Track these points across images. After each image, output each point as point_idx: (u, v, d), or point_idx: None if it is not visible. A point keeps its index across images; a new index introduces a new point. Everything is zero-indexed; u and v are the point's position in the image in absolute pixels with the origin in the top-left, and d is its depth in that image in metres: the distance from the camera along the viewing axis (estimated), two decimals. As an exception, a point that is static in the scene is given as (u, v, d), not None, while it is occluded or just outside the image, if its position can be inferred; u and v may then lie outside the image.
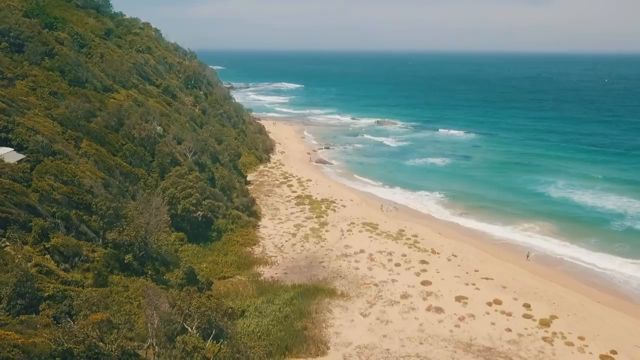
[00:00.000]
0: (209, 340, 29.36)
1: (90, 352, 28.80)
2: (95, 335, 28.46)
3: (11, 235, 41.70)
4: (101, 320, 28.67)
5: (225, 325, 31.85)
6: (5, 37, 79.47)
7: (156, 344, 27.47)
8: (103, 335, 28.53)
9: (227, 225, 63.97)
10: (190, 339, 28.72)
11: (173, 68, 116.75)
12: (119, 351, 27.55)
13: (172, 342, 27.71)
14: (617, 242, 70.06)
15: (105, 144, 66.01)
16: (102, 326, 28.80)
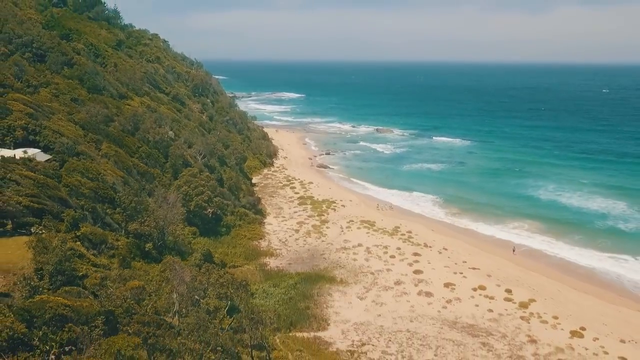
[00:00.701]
0: (228, 303, 34.91)
1: (128, 313, 34.38)
2: (132, 299, 34.03)
3: (46, 224, 47.33)
4: (137, 287, 34.28)
5: (240, 295, 37.32)
6: (29, 47, 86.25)
7: (182, 307, 33.00)
8: (139, 299, 34.08)
9: (235, 222, 69.67)
10: (212, 301, 34.26)
11: (181, 77, 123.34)
12: (153, 311, 33.00)
13: (196, 306, 33.21)
14: (599, 239, 75.63)
15: (123, 146, 71.99)
16: (137, 292, 34.39)
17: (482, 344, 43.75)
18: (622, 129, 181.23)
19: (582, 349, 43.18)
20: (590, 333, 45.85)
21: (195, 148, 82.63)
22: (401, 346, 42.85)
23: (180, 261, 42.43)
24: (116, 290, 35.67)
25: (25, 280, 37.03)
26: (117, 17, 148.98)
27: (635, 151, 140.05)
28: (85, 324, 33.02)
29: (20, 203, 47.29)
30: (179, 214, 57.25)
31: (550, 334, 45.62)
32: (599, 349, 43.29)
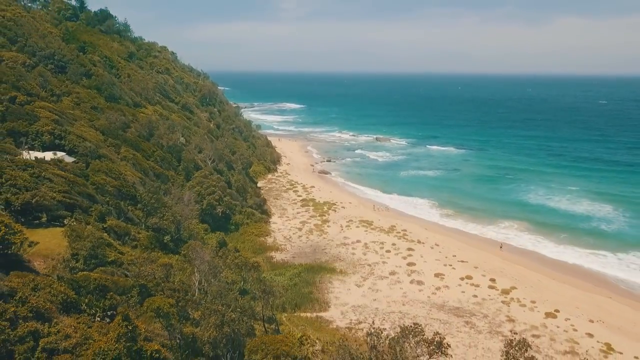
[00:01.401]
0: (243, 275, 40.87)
1: (159, 287, 40.37)
2: (162, 275, 40.03)
3: (77, 217, 53.55)
4: (166, 264, 40.24)
5: (251, 275, 43.22)
6: (51, 60, 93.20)
7: (204, 281, 38.96)
8: (167, 274, 40.03)
9: (243, 220, 75.72)
10: (230, 275, 40.15)
11: (189, 87, 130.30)
12: (180, 284, 38.85)
13: (216, 279, 39.15)
14: (583, 237, 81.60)
15: (139, 150, 78.39)
16: (166, 268, 40.36)
17: (466, 322, 49.52)
18: (615, 139, 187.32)
19: (554, 327, 48.91)
20: (563, 314, 51.61)
21: (205, 153, 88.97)
22: (393, 324, 48.60)
23: (201, 244, 48.41)
24: (147, 267, 41.75)
25: (64, 262, 43.31)
26: (127, 30, 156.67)
27: (625, 160, 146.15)
28: (122, 294, 39.18)
29: (54, 198, 53.53)
30: (194, 210, 63.30)
31: (527, 315, 51.40)
32: (569, 327, 49.03)
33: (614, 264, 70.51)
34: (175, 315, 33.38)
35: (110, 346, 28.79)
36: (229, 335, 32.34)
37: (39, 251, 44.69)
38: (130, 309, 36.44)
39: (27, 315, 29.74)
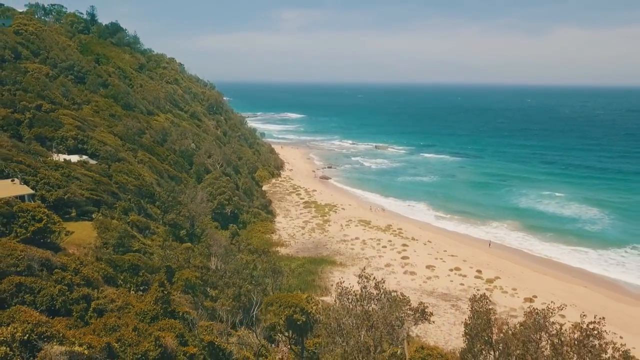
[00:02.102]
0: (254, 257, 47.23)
1: (182, 267, 46.70)
2: (184, 258, 46.37)
3: (103, 212, 60.03)
4: (188, 247, 46.56)
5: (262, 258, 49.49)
6: (71, 71, 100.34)
7: (220, 261, 45.30)
8: (189, 257, 46.37)
9: (250, 219, 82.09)
10: (245, 256, 46.46)
11: (197, 97, 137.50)
12: (201, 264, 45.12)
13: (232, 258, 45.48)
14: (567, 236, 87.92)
15: (154, 154, 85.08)
16: (188, 251, 46.69)
17: (452, 305, 55.69)
18: (608, 148, 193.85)
19: (530, 310, 54.92)
20: (540, 299, 57.70)
21: (214, 158, 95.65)
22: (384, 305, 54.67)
23: (217, 232, 54.79)
24: (171, 252, 48.17)
25: (96, 249, 49.96)
26: (137, 42, 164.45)
27: (615, 167, 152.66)
28: (152, 273, 45.62)
29: (83, 195, 60.19)
30: (207, 208, 69.72)
31: (508, 300, 57.56)
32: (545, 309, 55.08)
33: (593, 259, 76.75)
34: (200, 287, 39.65)
35: (149, 307, 35.12)
36: (245, 305, 38.53)
37: (72, 240, 51.16)
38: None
39: (80, 283, 36.12)
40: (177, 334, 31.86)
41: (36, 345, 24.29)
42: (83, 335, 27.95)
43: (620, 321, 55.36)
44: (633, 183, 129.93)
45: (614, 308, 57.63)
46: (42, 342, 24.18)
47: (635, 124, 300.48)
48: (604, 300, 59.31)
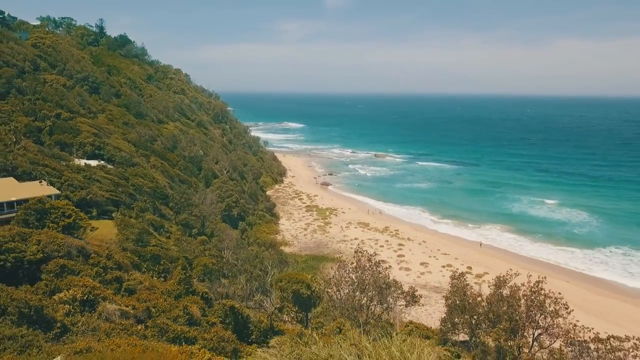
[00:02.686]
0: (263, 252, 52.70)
1: (197, 258, 52.19)
2: (201, 249, 51.87)
3: (122, 211, 65.59)
4: (204, 240, 52.04)
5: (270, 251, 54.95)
6: (86, 82, 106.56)
7: (232, 253, 50.79)
8: (204, 249, 51.86)
9: (255, 221, 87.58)
10: (254, 249, 51.91)
11: (203, 106, 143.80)
12: (216, 255, 50.51)
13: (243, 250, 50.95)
14: (556, 237, 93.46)
15: (166, 160, 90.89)
16: (203, 243, 52.19)
17: (443, 296, 60.68)
18: (602, 157, 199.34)
19: (515, 300, 60.15)
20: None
21: (221, 164, 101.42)
22: (383, 297, 59.98)
23: (229, 227, 60.33)
24: (188, 245, 53.69)
25: (118, 243, 55.54)
26: (145, 53, 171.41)
27: (608, 175, 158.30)
28: (172, 262, 51.17)
29: (103, 196, 65.87)
30: (216, 209, 75.29)
31: (495, 292, 62.71)
32: (528, 300, 60.29)
33: (578, 258, 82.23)
34: (215, 273, 45.10)
35: (174, 287, 40.65)
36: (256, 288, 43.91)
37: (95, 236, 56.77)
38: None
39: (112, 267, 41.60)
40: (200, 307, 37.55)
41: (93, 304, 30.19)
42: (127, 300, 33.89)
43: (596, 310, 60.73)
44: (623, 190, 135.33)
45: (592, 300, 62.94)
46: (97, 302, 30.13)
47: (632, 133, 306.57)
48: (583, 293, 64.59)
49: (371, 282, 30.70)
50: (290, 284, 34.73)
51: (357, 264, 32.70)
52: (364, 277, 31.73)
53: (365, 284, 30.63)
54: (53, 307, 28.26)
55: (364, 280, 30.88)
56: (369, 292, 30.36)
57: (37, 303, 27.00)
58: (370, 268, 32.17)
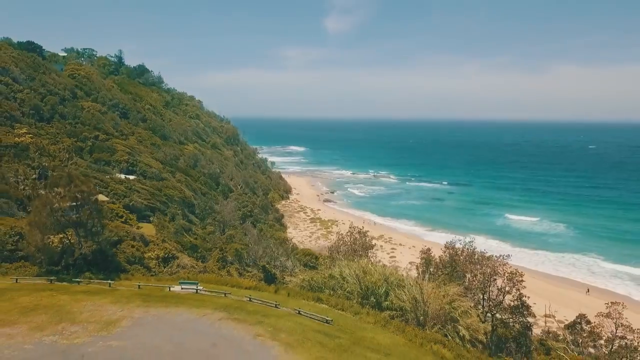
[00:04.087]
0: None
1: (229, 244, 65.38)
2: (229, 240, 65.13)
3: (158, 216, 78.90)
4: (232, 234, 65.37)
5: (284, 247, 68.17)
6: (117, 108, 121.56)
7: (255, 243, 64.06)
8: (231, 240, 65.09)
9: (266, 229, 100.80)
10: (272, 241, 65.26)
11: (216, 130, 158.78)
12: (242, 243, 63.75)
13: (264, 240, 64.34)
14: (532, 243, 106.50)
15: (189, 175, 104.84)
16: (230, 237, 65.48)
17: (426, 286, 73.86)
18: (588, 179, 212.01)
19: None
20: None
21: (235, 180, 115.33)
22: (376, 286, 73.00)
23: (251, 225, 73.73)
24: (218, 239, 67.11)
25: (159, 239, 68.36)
26: (161, 81, 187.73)
27: (589, 194, 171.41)
28: (207, 250, 64.45)
29: (142, 203, 79.68)
30: (235, 216, 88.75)
31: (470, 284, 75.63)
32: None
33: (549, 261, 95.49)
34: (244, 258, 58.33)
35: (214, 265, 53.89)
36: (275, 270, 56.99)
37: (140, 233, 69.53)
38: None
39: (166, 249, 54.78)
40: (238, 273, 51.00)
41: (170, 260, 44.01)
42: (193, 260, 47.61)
43: (561, 302, 73.34)
44: (600, 209, 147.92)
45: (551, 290, 75.62)
46: (174, 258, 44.09)
47: (621, 157, 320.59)
48: (544, 285, 77.38)
49: (360, 244, 44.10)
50: (303, 255, 48.07)
51: (351, 234, 46.19)
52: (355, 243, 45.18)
53: (357, 244, 44.06)
54: (147, 260, 42.00)
55: (356, 242, 44.31)
56: (359, 252, 43.78)
57: (139, 255, 40.91)
58: (360, 238, 45.61)
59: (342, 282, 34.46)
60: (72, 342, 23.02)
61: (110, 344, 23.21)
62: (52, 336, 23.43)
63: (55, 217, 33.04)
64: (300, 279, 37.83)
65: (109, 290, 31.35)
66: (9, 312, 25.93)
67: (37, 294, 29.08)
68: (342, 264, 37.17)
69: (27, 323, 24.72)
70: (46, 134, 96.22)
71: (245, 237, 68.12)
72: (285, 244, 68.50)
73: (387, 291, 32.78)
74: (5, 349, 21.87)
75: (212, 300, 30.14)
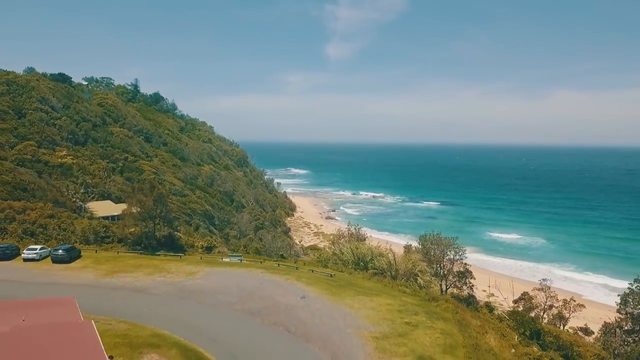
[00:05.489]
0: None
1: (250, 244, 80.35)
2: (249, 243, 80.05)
3: (184, 226, 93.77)
4: (250, 238, 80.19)
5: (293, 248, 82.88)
6: (141, 133, 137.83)
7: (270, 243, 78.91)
8: (251, 242, 80.00)
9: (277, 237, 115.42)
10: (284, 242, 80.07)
11: (227, 153, 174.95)
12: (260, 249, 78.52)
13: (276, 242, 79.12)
14: (514, 255, 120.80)
15: (207, 192, 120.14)
16: (250, 240, 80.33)
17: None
18: (577, 200, 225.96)
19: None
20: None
21: (247, 197, 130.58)
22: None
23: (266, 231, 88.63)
24: (239, 242, 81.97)
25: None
26: (175, 108, 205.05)
27: (575, 214, 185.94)
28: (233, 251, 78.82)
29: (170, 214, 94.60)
30: (250, 227, 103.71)
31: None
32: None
33: (528, 268, 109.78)
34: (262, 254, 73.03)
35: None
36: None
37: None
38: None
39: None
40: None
41: (212, 248, 59.49)
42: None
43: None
44: (583, 227, 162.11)
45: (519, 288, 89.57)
46: (214, 247, 59.51)
47: (613, 180, 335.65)
48: (516, 285, 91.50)
49: (355, 237, 59.09)
50: (314, 251, 62.88)
51: (349, 230, 61.25)
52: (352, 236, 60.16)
53: (353, 237, 59.05)
54: (196, 247, 57.01)
55: (352, 235, 59.30)
56: (357, 239, 58.75)
57: (191, 243, 56.04)
58: (356, 233, 60.68)
59: (341, 255, 49.35)
60: (173, 280, 37.81)
61: (197, 282, 37.97)
62: (160, 278, 38.26)
63: (141, 211, 48.17)
64: (311, 257, 52.69)
65: (181, 259, 46.28)
66: (126, 267, 40.79)
67: (137, 259, 44.02)
68: (341, 244, 52.16)
69: (140, 272, 39.56)
70: (82, 156, 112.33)
71: (261, 242, 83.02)
72: (295, 245, 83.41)
73: (372, 258, 47.71)
74: (136, 282, 36.71)
75: (253, 265, 44.96)
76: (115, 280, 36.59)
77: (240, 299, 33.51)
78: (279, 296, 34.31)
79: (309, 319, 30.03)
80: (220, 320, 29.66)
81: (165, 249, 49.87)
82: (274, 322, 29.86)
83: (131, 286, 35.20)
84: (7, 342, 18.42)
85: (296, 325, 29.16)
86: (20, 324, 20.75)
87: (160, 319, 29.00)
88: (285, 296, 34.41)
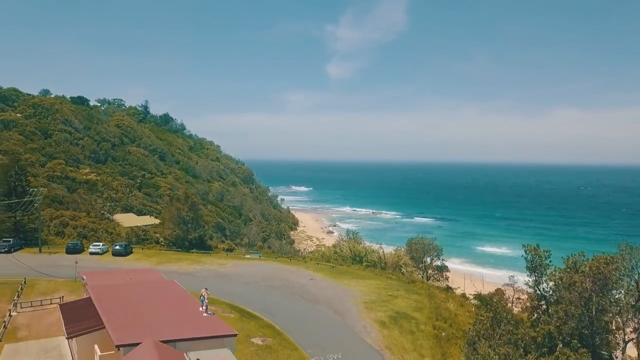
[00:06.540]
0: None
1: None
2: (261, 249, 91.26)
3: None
4: (260, 245, 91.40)
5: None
6: (156, 152, 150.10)
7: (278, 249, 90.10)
8: (263, 249, 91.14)
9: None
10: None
11: (234, 171, 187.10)
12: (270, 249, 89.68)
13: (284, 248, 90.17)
14: (503, 266, 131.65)
15: (218, 207, 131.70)
16: (262, 246, 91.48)
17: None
18: (569, 217, 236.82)
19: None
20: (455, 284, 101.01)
21: (254, 212, 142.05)
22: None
23: (275, 240, 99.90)
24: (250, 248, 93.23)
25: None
26: (184, 128, 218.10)
27: (564, 229, 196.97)
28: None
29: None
30: (258, 237, 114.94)
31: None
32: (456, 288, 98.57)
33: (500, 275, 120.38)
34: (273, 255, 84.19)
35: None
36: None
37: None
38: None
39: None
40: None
41: (232, 250, 70.90)
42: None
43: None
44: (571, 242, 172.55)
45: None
46: (233, 249, 71.10)
47: (607, 197, 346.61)
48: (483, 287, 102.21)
49: (354, 240, 70.46)
50: (318, 255, 74.12)
51: (347, 236, 72.59)
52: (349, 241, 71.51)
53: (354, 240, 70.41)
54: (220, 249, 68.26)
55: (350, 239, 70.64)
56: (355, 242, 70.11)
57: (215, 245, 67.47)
58: (354, 238, 72.05)
59: (341, 252, 60.78)
60: (210, 267, 49.25)
61: (228, 269, 49.34)
62: (199, 267, 49.66)
63: (177, 217, 59.74)
64: (316, 255, 63.96)
65: (211, 255, 57.73)
66: (170, 260, 52.23)
67: (176, 255, 55.48)
68: (341, 243, 63.54)
69: (183, 262, 50.98)
70: (104, 173, 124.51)
71: (270, 249, 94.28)
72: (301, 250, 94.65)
73: (365, 254, 59.12)
74: (182, 269, 48.12)
75: (270, 260, 56.41)
76: (165, 267, 47.82)
77: (264, 279, 44.74)
78: (293, 278, 45.53)
79: (317, 291, 41.18)
80: (251, 292, 40.89)
81: (197, 249, 61.18)
82: (291, 292, 41.08)
83: (179, 271, 46.42)
84: (130, 288, 29.65)
85: (307, 295, 40.34)
86: (128, 281, 32.01)
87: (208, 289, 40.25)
88: (298, 278, 45.61)
